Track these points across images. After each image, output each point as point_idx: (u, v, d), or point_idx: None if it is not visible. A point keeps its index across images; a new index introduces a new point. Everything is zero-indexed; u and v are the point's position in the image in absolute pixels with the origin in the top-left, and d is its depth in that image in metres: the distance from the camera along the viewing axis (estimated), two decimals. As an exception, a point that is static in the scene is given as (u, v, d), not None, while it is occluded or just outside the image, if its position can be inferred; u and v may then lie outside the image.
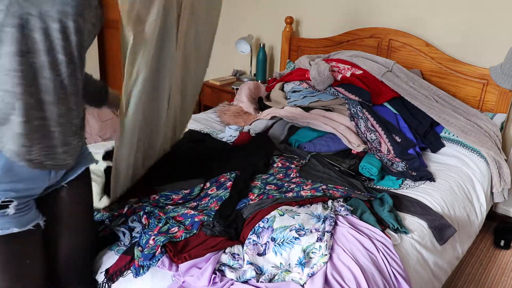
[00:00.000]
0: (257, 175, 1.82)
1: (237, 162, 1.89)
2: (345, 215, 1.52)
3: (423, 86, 2.41)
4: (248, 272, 1.23)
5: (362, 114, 2.25)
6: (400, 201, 1.76)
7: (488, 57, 2.41)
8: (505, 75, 2.20)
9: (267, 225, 1.40)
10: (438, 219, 1.70)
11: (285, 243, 1.32)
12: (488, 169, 2.19)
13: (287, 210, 1.48)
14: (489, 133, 2.26)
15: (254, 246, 1.34)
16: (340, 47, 2.89)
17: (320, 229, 1.38)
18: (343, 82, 2.35)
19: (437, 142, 2.31)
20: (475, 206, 2.04)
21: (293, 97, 2.44)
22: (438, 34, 2.57)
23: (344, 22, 2.92)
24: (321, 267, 1.25)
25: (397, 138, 2.19)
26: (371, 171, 1.96)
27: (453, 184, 2.00)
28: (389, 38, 2.69)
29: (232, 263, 1.29)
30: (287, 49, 3.15)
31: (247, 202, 1.56)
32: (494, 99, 2.40)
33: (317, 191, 1.64)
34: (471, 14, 2.43)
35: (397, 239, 1.53)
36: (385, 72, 2.39)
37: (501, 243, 2.39)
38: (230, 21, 3.55)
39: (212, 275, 1.22)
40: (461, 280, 2.12)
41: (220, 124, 2.61)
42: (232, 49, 3.48)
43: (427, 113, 2.27)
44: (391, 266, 1.36)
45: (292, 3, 3.15)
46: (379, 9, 2.76)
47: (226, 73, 3.62)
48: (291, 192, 1.65)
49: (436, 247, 1.66)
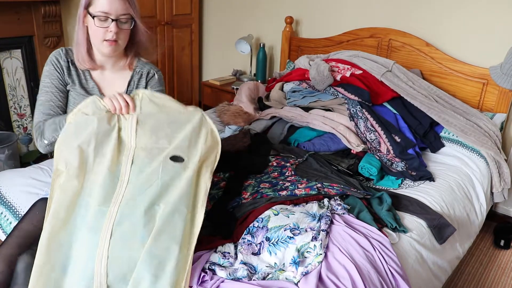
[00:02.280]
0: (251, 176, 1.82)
1: (234, 162, 1.89)
2: (342, 214, 1.51)
3: (423, 86, 2.41)
4: (240, 271, 1.23)
5: (361, 114, 2.25)
6: (399, 201, 1.76)
7: (488, 57, 2.41)
8: (505, 75, 2.20)
9: (262, 225, 1.40)
10: (437, 218, 1.70)
11: (280, 243, 1.32)
12: (488, 169, 2.18)
13: (282, 209, 1.47)
14: (489, 133, 2.26)
15: (248, 245, 1.34)
16: (340, 47, 2.89)
17: (315, 228, 1.38)
18: (342, 82, 2.35)
19: (436, 142, 2.31)
20: (475, 206, 2.04)
21: (292, 97, 2.44)
22: (438, 34, 2.57)
23: (344, 22, 2.92)
24: (315, 267, 1.25)
25: (397, 138, 2.18)
26: (370, 171, 1.96)
27: (452, 184, 2.00)
28: (389, 38, 2.69)
29: (223, 262, 1.28)
30: (287, 49, 3.15)
31: (240, 202, 1.56)
32: (494, 99, 2.40)
33: (312, 190, 1.63)
34: (471, 14, 2.43)
35: (395, 238, 1.53)
36: (385, 72, 2.39)
37: (501, 243, 2.38)
38: (230, 21, 3.56)
39: (201, 273, 1.22)
40: (461, 280, 2.12)
41: (220, 124, 2.61)
42: (232, 49, 3.49)
43: (427, 113, 2.27)
44: (388, 264, 1.36)
45: (292, 3, 3.15)
46: (379, 9, 2.76)
47: (226, 73, 3.63)
48: (285, 190, 1.64)
49: (435, 246, 1.66)
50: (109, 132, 1.33)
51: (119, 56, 1.55)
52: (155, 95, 1.40)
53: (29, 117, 2.96)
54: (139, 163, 1.31)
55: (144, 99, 1.38)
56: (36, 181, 1.79)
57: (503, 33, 2.35)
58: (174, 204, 1.25)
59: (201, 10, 3.73)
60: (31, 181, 1.79)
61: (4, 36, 2.63)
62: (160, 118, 1.37)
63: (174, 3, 3.39)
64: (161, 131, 1.35)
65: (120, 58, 1.56)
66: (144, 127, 1.35)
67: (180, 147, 1.35)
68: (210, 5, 3.68)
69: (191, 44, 3.67)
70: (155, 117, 1.37)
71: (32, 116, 2.95)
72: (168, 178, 1.29)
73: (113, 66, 1.57)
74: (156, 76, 1.62)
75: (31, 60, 2.84)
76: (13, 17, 2.64)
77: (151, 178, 1.28)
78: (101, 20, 1.39)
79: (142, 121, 1.36)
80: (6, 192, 1.74)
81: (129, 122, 1.35)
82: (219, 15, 3.64)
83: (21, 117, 2.91)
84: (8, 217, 1.67)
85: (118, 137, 1.33)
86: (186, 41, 3.62)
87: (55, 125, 1.40)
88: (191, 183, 1.31)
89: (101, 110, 1.34)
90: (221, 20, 3.64)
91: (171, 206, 1.24)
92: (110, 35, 1.40)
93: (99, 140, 1.30)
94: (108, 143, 1.32)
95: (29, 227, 1.36)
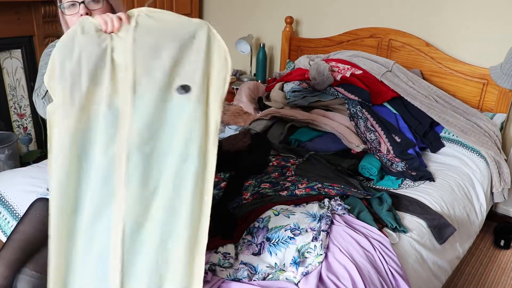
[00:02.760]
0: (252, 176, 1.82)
1: (234, 162, 1.89)
2: (342, 214, 1.52)
3: (423, 86, 2.41)
4: (240, 271, 1.23)
5: (361, 114, 2.25)
6: (399, 201, 1.76)
7: (488, 57, 2.41)
8: (505, 75, 2.20)
9: (262, 225, 1.40)
10: (437, 218, 1.70)
11: (280, 243, 1.32)
12: (488, 169, 2.18)
13: (282, 209, 1.48)
14: (489, 133, 2.26)
15: (249, 246, 1.34)
16: (340, 47, 2.89)
17: (316, 228, 1.38)
18: (342, 82, 2.35)
19: (437, 142, 2.31)
20: (475, 206, 2.04)
21: (293, 97, 2.44)
22: (438, 34, 2.57)
23: (344, 22, 2.92)
24: (316, 267, 1.25)
25: (397, 138, 2.18)
26: (370, 171, 1.96)
27: (453, 184, 2.00)
28: (389, 38, 2.69)
29: (223, 263, 1.28)
30: (287, 49, 3.15)
31: (240, 202, 1.56)
32: (494, 99, 2.40)
33: (312, 190, 1.63)
34: (471, 14, 2.43)
35: (395, 238, 1.53)
36: (385, 72, 2.39)
37: (501, 243, 2.38)
38: (230, 21, 3.56)
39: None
40: (461, 280, 2.12)
41: (220, 124, 2.61)
42: (232, 49, 3.49)
43: (427, 113, 2.27)
44: (388, 264, 1.36)
45: (292, 3, 3.15)
46: (379, 9, 2.76)
47: (226, 73, 3.62)
48: (286, 190, 1.64)
49: (435, 246, 1.66)
50: (101, 55, 1.11)
51: None
52: (153, 10, 1.17)
53: (29, 117, 2.96)
54: (141, 91, 1.10)
55: (140, 15, 1.16)
56: (34, 179, 1.78)
57: (503, 33, 2.35)
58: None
59: (201, 10, 3.73)
60: (30, 180, 1.78)
61: (4, 36, 2.63)
62: (161, 35, 1.14)
63: (174, 3, 3.39)
64: (164, 50, 1.13)
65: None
66: (142, 47, 1.13)
67: (185, 72, 1.14)
68: (210, 5, 3.68)
69: (191, 44, 3.66)
70: (155, 34, 1.14)
71: (32, 116, 2.95)
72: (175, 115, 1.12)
73: None
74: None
75: (31, 60, 2.84)
76: (13, 17, 2.64)
77: (159, 115, 1.10)
78: (70, 8, 1.30)
79: (140, 40, 1.13)
80: (4, 192, 1.74)
81: (124, 41, 1.13)
82: (219, 15, 3.64)
83: (21, 117, 2.91)
84: (6, 216, 1.67)
85: (111, 60, 1.12)
86: (186, 41, 3.61)
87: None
88: (200, 117, 1.14)
89: (90, 30, 1.12)
90: (221, 20, 3.64)
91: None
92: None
93: (91, 62, 1.10)
94: (102, 67, 1.11)
95: (30, 230, 1.34)
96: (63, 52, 1.10)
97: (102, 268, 1.11)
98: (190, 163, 1.12)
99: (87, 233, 1.11)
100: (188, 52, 1.15)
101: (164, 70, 1.12)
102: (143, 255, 1.11)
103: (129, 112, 1.11)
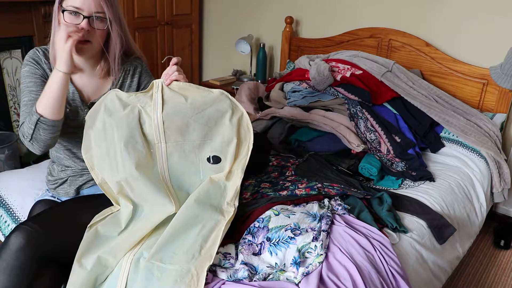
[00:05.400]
0: (252, 175, 1.82)
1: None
2: (342, 214, 1.51)
3: (423, 86, 2.41)
4: (241, 272, 1.22)
5: (361, 114, 2.25)
6: (399, 201, 1.76)
7: (488, 57, 2.41)
8: (505, 75, 2.20)
9: (263, 225, 1.40)
10: (437, 219, 1.70)
11: (281, 243, 1.32)
12: (488, 169, 2.18)
13: (283, 209, 1.47)
14: (489, 133, 2.26)
15: (249, 246, 1.34)
16: (340, 47, 2.89)
17: (316, 228, 1.38)
18: (342, 82, 2.35)
19: (437, 142, 2.31)
20: (475, 206, 2.04)
21: (293, 97, 2.44)
22: (438, 34, 2.57)
23: (344, 22, 2.92)
24: (316, 267, 1.25)
25: (397, 138, 2.18)
26: (370, 171, 1.96)
27: (453, 184, 2.00)
28: (389, 38, 2.69)
29: (224, 263, 1.28)
30: (287, 49, 3.15)
31: (240, 202, 1.55)
32: (494, 99, 2.40)
33: (312, 190, 1.63)
34: (471, 14, 2.43)
35: (395, 238, 1.53)
36: (385, 72, 2.39)
37: (501, 243, 2.38)
38: (230, 21, 3.56)
39: None
40: (461, 280, 2.12)
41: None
42: (232, 49, 3.49)
43: (427, 113, 2.27)
44: (388, 265, 1.36)
45: (292, 3, 3.15)
46: (379, 9, 2.76)
47: (226, 73, 3.62)
48: (286, 190, 1.64)
49: (435, 247, 1.66)
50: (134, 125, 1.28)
51: (95, 59, 1.41)
52: (176, 84, 1.30)
53: (29, 117, 2.95)
54: (174, 161, 1.28)
55: (164, 88, 1.30)
56: (33, 181, 1.76)
57: (503, 33, 2.35)
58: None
59: (201, 10, 3.72)
60: (29, 182, 1.77)
61: (4, 36, 2.63)
62: (188, 115, 1.28)
63: (174, 3, 3.39)
64: (191, 127, 1.28)
65: (97, 61, 1.42)
66: (171, 126, 1.28)
67: (214, 145, 1.30)
68: (210, 5, 3.68)
69: (191, 44, 3.67)
70: (181, 114, 1.28)
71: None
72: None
73: (92, 70, 1.42)
74: (144, 66, 1.51)
75: (31, 60, 2.84)
76: (13, 17, 2.64)
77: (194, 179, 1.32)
78: (72, 15, 1.26)
79: (168, 120, 1.28)
80: (4, 194, 1.73)
81: (154, 119, 1.29)
82: (219, 15, 3.64)
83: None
84: (6, 219, 1.67)
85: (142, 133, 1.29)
86: (186, 41, 3.61)
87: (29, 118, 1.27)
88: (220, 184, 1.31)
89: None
90: (221, 20, 3.64)
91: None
92: (80, 33, 1.25)
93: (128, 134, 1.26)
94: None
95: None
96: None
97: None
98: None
99: None
100: (215, 128, 1.29)
101: (193, 146, 1.29)
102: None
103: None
